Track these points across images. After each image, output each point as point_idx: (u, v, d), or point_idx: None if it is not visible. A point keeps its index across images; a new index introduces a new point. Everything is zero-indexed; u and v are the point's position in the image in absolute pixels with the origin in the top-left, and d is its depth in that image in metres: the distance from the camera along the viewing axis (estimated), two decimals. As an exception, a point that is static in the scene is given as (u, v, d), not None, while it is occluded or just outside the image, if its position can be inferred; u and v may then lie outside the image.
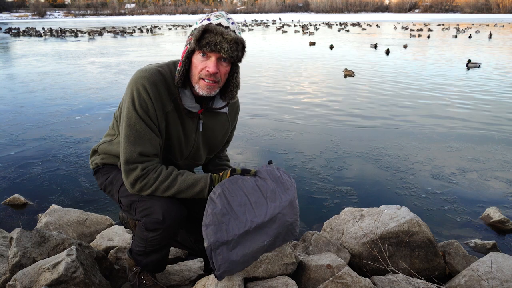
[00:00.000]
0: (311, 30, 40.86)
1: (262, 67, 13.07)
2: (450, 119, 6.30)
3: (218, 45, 1.42)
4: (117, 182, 1.68)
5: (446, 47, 20.88)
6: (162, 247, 1.68)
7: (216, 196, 1.52)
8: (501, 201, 3.49)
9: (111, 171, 1.74)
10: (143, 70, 1.52)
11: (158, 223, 1.53)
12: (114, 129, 1.71)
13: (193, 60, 1.50)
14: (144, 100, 1.48)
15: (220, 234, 1.51)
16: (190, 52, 1.49)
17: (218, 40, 1.42)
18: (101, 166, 1.77)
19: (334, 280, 1.71)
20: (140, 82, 1.49)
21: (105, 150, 1.74)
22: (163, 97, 1.52)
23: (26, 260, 1.77)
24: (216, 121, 1.72)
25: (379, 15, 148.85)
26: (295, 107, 7.22)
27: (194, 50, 1.48)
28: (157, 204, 1.54)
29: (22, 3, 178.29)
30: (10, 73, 11.72)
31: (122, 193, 1.65)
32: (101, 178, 1.76)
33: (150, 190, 1.53)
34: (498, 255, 2.01)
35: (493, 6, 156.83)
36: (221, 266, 1.55)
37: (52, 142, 5.04)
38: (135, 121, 1.49)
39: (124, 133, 1.51)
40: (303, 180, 3.91)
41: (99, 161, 1.77)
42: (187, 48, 1.50)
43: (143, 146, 1.50)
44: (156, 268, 1.78)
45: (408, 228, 2.15)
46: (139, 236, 1.66)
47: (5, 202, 3.34)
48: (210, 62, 1.47)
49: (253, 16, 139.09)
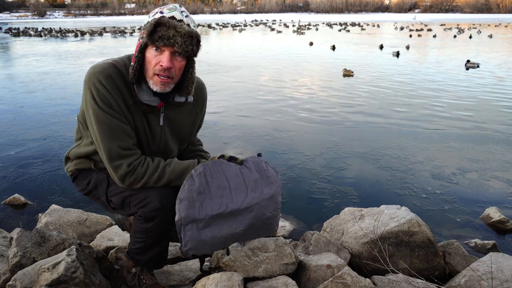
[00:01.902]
0: (302, 30, 41.00)
1: (262, 67, 13.07)
2: (450, 119, 6.30)
3: (171, 39, 1.39)
4: (101, 184, 1.66)
5: (447, 47, 20.88)
6: (162, 238, 1.67)
7: (196, 174, 1.54)
8: (501, 201, 3.49)
9: (89, 175, 1.71)
10: (95, 66, 1.49)
11: (157, 209, 1.53)
12: (80, 132, 1.68)
13: (146, 55, 1.46)
14: (103, 95, 1.45)
15: (192, 210, 1.52)
16: (143, 46, 1.45)
17: (171, 33, 1.38)
18: (77, 173, 1.75)
19: (334, 280, 1.71)
20: (95, 77, 1.45)
21: (76, 154, 1.72)
22: (122, 90, 1.49)
23: (26, 260, 1.77)
24: (181, 113, 1.69)
25: (379, 15, 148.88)
26: (295, 107, 7.22)
27: (147, 44, 1.44)
28: (152, 193, 1.54)
29: (22, 3, 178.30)
30: (10, 73, 11.72)
31: (111, 193, 1.64)
32: (81, 184, 1.74)
33: (140, 184, 1.53)
34: (498, 255, 2.01)
35: (493, 6, 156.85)
36: (188, 242, 1.57)
37: (52, 142, 5.04)
38: (103, 117, 1.46)
39: (98, 132, 1.48)
40: (303, 180, 3.91)
41: (73, 168, 1.75)
42: (140, 43, 1.45)
43: (120, 140, 1.49)
44: (156, 263, 1.78)
45: (408, 228, 2.15)
46: (137, 231, 1.65)
47: (5, 202, 3.34)
48: (164, 57, 1.43)
49: (253, 16, 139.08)
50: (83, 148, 1.67)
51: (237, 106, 7.30)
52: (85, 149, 1.66)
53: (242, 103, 7.53)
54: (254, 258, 1.86)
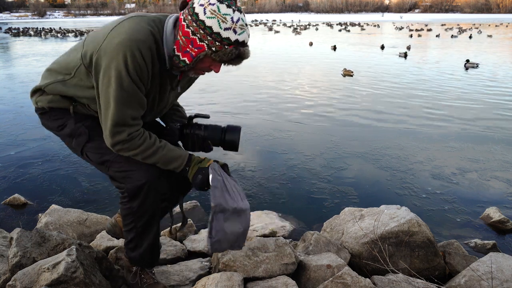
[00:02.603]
0: (298, 30, 41.19)
1: (261, 67, 13.07)
2: (450, 119, 6.30)
3: (236, 65, 1.51)
4: (79, 137, 1.63)
5: (447, 47, 20.88)
6: (152, 222, 1.66)
7: (217, 167, 1.63)
8: (501, 201, 3.49)
9: (63, 117, 1.64)
10: (136, 31, 1.43)
11: (141, 186, 1.54)
12: (70, 69, 1.57)
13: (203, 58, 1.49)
14: (139, 65, 1.44)
15: (222, 200, 1.56)
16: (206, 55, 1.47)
17: (240, 63, 1.50)
18: (48, 110, 1.66)
19: (334, 280, 1.71)
20: (136, 46, 1.42)
21: (57, 91, 1.61)
22: (154, 61, 1.50)
23: (26, 260, 1.77)
24: (186, 82, 1.77)
25: (379, 15, 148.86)
26: (295, 107, 7.22)
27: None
28: (136, 168, 1.55)
29: (22, 3, 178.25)
30: (10, 73, 11.72)
31: (90, 149, 1.62)
32: (51, 123, 1.68)
33: (129, 154, 1.54)
34: (498, 255, 2.01)
35: (493, 6, 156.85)
36: (217, 233, 1.58)
37: (52, 142, 5.04)
38: (128, 85, 1.45)
39: (115, 94, 1.45)
40: (303, 180, 3.91)
41: (45, 104, 1.65)
42: (204, 50, 1.45)
43: (134, 110, 1.50)
44: (152, 260, 1.78)
45: (408, 228, 2.15)
46: (125, 215, 1.64)
47: (5, 202, 3.34)
48: (218, 67, 1.52)
49: (253, 16, 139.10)
50: (71, 88, 1.59)
51: (237, 106, 7.30)
52: (74, 90, 1.59)
53: (242, 103, 7.53)
54: (254, 258, 1.86)
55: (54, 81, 1.62)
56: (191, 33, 1.44)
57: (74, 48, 1.63)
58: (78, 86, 1.57)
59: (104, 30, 1.50)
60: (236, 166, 4.23)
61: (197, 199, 3.31)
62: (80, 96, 1.59)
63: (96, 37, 1.50)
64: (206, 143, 1.75)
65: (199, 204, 3.27)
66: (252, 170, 4.14)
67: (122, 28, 1.45)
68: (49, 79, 1.64)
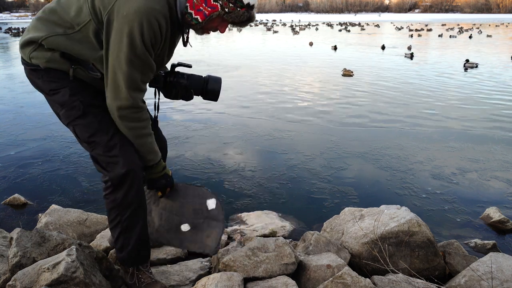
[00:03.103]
0: (296, 30, 41.37)
1: (261, 67, 13.07)
2: (450, 119, 6.30)
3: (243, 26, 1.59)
4: (71, 110, 1.56)
5: (448, 47, 20.89)
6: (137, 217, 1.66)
7: None
8: (501, 201, 3.49)
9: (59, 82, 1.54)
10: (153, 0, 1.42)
11: (125, 174, 1.55)
12: (74, 22, 1.46)
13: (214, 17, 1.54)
14: (153, 33, 1.45)
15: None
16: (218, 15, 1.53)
17: (247, 24, 1.58)
18: (43, 70, 1.53)
19: (334, 280, 1.71)
20: (153, 14, 1.41)
21: (58, 45, 1.48)
22: (168, 26, 1.52)
23: (26, 260, 1.77)
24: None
25: (376, 15, 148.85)
26: (295, 107, 7.22)
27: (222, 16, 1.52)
28: (120, 156, 1.56)
29: (22, 3, 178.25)
30: (10, 73, 11.72)
31: (79, 125, 1.58)
32: (42, 83, 1.56)
33: (131, 124, 1.56)
34: (498, 255, 2.01)
35: (493, 6, 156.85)
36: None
37: (52, 142, 5.04)
38: (141, 51, 1.45)
39: (129, 59, 1.43)
40: (303, 180, 3.91)
41: (42, 62, 1.51)
42: (217, 10, 1.50)
43: (144, 74, 1.52)
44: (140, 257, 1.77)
45: (408, 228, 2.15)
46: (110, 209, 1.64)
47: (5, 202, 3.34)
48: (224, 27, 1.58)
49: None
50: (75, 44, 1.49)
51: (237, 106, 7.30)
52: (79, 47, 1.50)
53: (242, 103, 7.53)
54: (254, 258, 1.86)
55: (54, 34, 1.47)
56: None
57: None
58: (84, 43, 1.49)
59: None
60: (236, 166, 4.24)
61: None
62: (85, 54, 1.51)
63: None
64: (189, 92, 1.80)
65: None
66: (252, 170, 4.14)
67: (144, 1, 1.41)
68: (47, 31, 1.47)
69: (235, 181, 3.85)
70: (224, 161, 4.42)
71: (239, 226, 2.89)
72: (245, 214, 3.12)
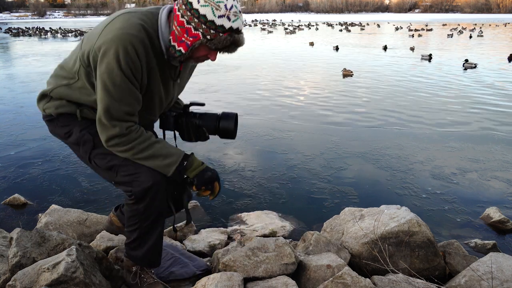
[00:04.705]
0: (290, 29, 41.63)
1: (261, 67, 13.07)
2: (450, 119, 6.30)
3: (232, 52, 1.51)
4: (85, 144, 1.64)
5: (449, 47, 20.88)
6: (155, 225, 1.67)
7: None
8: (501, 201, 3.48)
9: (71, 124, 1.66)
10: (127, 27, 1.44)
11: (148, 189, 1.54)
12: (73, 72, 1.58)
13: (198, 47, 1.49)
14: (131, 59, 1.43)
15: None
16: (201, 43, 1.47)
17: (235, 50, 1.50)
18: (55, 117, 1.67)
19: (334, 280, 1.71)
20: (128, 39, 1.42)
21: (62, 95, 1.62)
22: (149, 54, 1.50)
23: (26, 260, 1.77)
24: (187, 70, 1.78)
25: (379, 15, 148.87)
26: (296, 107, 7.22)
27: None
28: (142, 170, 1.55)
29: (22, 3, 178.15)
30: (10, 73, 11.72)
31: (97, 156, 1.63)
32: (59, 130, 1.69)
33: (125, 147, 1.52)
34: (498, 255, 2.01)
35: (493, 6, 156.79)
36: None
37: (52, 142, 5.04)
38: (121, 80, 1.44)
39: (109, 91, 1.45)
40: (303, 180, 3.91)
41: (53, 110, 1.66)
42: (199, 39, 1.44)
43: (129, 105, 1.50)
44: (153, 260, 1.78)
45: (408, 228, 2.15)
46: (130, 217, 1.65)
47: (5, 202, 3.34)
48: (214, 55, 1.52)
49: (253, 16, 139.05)
50: (76, 92, 1.60)
51: (237, 106, 7.30)
52: (79, 94, 1.60)
53: (242, 103, 7.53)
54: (254, 258, 1.86)
55: (59, 85, 1.63)
56: (185, 23, 1.44)
57: (74, 50, 1.64)
58: (82, 89, 1.59)
59: (98, 28, 1.50)
60: (236, 166, 4.24)
61: (197, 199, 3.31)
62: (84, 99, 1.61)
63: (91, 37, 1.51)
64: (202, 131, 1.74)
65: (199, 204, 3.27)
66: (252, 170, 4.14)
67: (113, 25, 1.45)
68: (54, 84, 1.65)
69: (235, 181, 3.85)
70: (224, 161, 4.41)
71: (239, 226, 2.89)
72: (245, 214, 3.12)
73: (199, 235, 2.56)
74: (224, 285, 1.63)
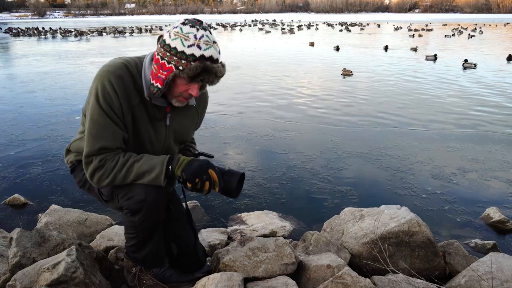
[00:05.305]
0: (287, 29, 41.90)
1: (261, 67, 13.07)
2: (450, 119, 6.30)
3: (209, 81, 1.48)
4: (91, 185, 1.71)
5: (449, 47, 20.88)
6: (153, 232, 1.69)
7: None
8: (501, 201, 3.48)
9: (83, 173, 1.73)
10: (108, 65, 1.52)
11: (141, 201, 1.54)
12: (83, 126, 1.70)
13: (176, 81, 1.49)
14: (108, 93, 1.47)
15: None
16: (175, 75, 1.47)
17: (211, 79, 1.46)
18: (76, 164, 1.77)
19: (334, 280, 1.71)
20: (106, 75, 1.48)
21: (77, 148, 1.74)
22: (129, 90, 1.52)
23: (26, 260, 1.77)
24: (185, 115, 1.73)
25: (379, 15, 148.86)
26: (295, 107, 7.22)
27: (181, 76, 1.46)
28: (136, 185, 1.56)
29: (22, 3, 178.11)
30: (10, 73, 11.73)
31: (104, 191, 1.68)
32: (78, 175, 1.76)
33: (108, 180, 1.53)
34: (498, 255, 2.01)
35: (493, 6, 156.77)
36: None
37: (52, 142, 5.04)
38: (98, 114, 1.49)
39: (88, 127, 1.52)
40: (303, 180, 3.91)
41: (73, 159, 1.77)
42: (172, 71, 1.44)
43: (105, 140, 1.51)
44: (154, 261, 1.79)
45: (408, 228, 2.15)
46: (127, 226, 1.68)
47: (5, 202, 3.34)
48: (194, 89, 1.50)
49: (253, 16, 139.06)
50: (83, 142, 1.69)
51: (237, 106, 7.30)
52: None
53: (242, 103, 7.53)
54: (254, 258, 1.86)
55: (75, 140, 1.78)
56: (160, 59, 1.47)
57: None
58: None
59: None
60: (236, 166, 4.23)
61: (197, 200, 3.31)
62: None
63: None
64: None
65: (199, 204, 3.27)
66: (252, 170, 4.14)
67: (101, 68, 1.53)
68: (73, 140, 1.80)
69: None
70: (224, 161, 4.41)
71: (239, 226, 2.89)
72: (245, 214, 3.12)
73: (199, 235, 2.56)
74: (224, 285, 1.63)
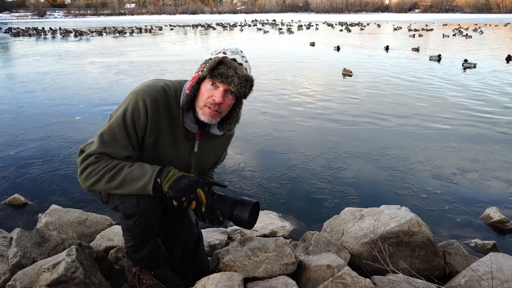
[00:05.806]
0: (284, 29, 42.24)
1: (261, 67, 13.07)
2: (450, 119, 6.30)
3: (229, 78, 1.49)
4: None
5: (449, 47, 20.88)
6: (149, 235, 1.69)
7: None
8: (501, 201, 3.48)
9: None
10: (148, 85, 1.57)
11: (133, 206, 1.55)
12: None
13: (201, 87, 1.55)
14: (138, 111, 1.51)
15: None
16: (201, 79, 1.54)
17: (231, 73, 1.49)
18: None
19: (334, 280, 1.71)
20: (142, 95, 1.52)
21: None
22: (160, 114, 1.55)
23: (26, 260, 1.77)
24: (211, 144, 1.76)
25: (379, 15, 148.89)
26: (295, 107, 7.22)
27: (205, 77, 1.53)
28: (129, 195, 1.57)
29: (22, 3, 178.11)
30: (10, 73, 11.73)
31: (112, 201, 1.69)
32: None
33: (95, 178, 1.50)
34: (498, 255, 2.01)
35: (493, 6, 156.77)
36: None
37: (52, 142, 5.04)
38: (118, 125, 1.51)
39: (103, 130, 1.54)
40: (303, 180, 3.91)
41: None
42: (198, 75, 1.54)
43: (111, 149, 1.52)
44: (152, 263, 1.79)
45: (408, 228, 2.15)
46: (124, 229, 1.69)
47: (5, 202, 3.34)
48: (218, 92, 1.52)
49: (253, 16, 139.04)
50: None
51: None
52: None
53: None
54: (254, 258, 1.86)
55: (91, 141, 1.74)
56: (195, 73, 1.58)
57: None
58: None
59: None
60: (236, 166, 4.24)
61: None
62: None
63: None
64: (216, 215, 1.60)
65: (199, 204, 3.27)
66: (252, 170, 4.14)
67: (141, 83, 1.59)
68: (90, 140, 1.76)
69: (235, 181, 3.85)
70: (224, 161, 4.41)
71: (239, 226, 2.89)
72: (245, 214, 3.12)
73: (199, 235, 2.56)
74: (224, 285, 1.63)
